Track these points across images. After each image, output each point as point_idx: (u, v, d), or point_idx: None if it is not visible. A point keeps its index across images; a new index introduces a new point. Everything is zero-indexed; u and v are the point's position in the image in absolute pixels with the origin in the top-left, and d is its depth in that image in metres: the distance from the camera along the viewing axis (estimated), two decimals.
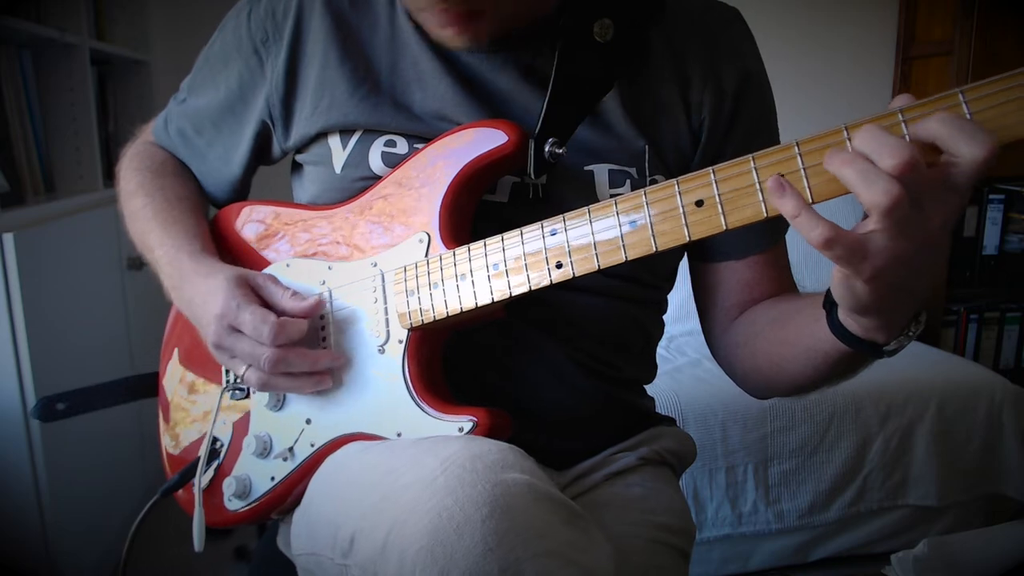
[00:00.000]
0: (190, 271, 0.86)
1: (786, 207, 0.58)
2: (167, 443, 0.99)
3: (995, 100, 0.54)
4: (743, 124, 0.87)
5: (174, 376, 1.00)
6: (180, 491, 0.94)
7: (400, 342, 0.78)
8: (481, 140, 0.77)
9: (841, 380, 0.78)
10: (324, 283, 0.85)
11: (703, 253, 0.91)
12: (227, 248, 0.95)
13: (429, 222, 0.79)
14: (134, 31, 2.55)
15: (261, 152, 0.95)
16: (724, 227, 0.63)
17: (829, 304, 0.70)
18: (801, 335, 0.76)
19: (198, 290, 0.83)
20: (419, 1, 0.77)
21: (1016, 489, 2.08)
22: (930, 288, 0.64)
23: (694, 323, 0.97)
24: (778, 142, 0.89)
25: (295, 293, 0.82)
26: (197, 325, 0.86)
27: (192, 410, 0.95)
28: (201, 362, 0.96)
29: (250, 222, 0.94)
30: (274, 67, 0.88)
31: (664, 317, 0.98)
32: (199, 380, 0.96)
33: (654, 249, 0.66)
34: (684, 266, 0.97)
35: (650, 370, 0.99)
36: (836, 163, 0.56)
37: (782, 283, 0.90)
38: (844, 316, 0.67)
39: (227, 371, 0.91)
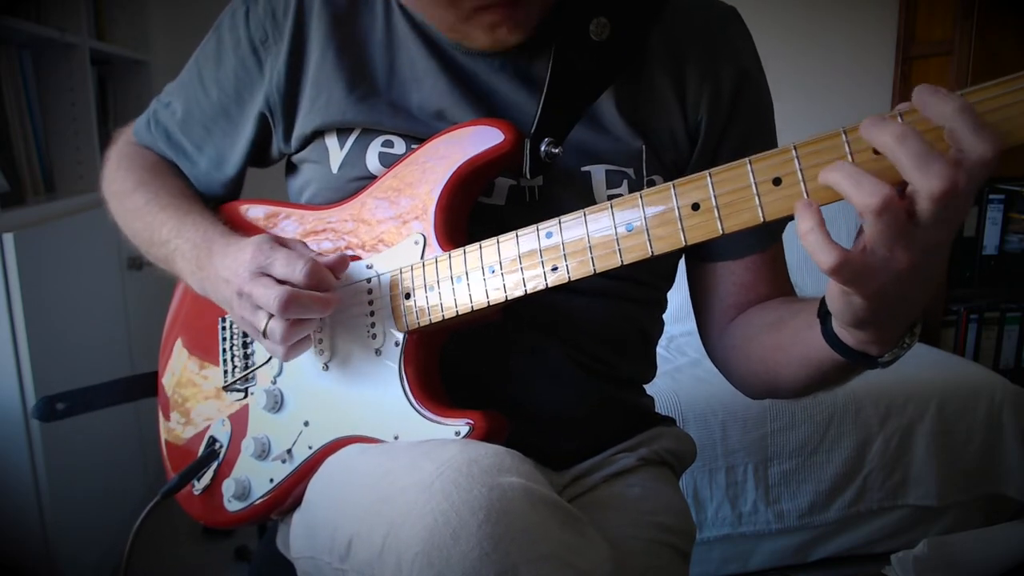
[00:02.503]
0: (222, 245, 0.84)
1: (803, 223, 0.56)
2: (176, 423, 0.98)
3: (996, 104, 0.53)
4: (740, 123, 0.87)
5: (181, 356, 0.99)
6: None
7: (397, 345, 0.78)
8: (477, 139, 0.77)
9: (836, 386, 0.78)
10: None
11: (699, 253, 0.91)
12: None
13: (425, 223, 0.79)
14: (134, 31, 2.55)
15: (258, 154, 0.95)
16: (721, 231, 0.62)
17: (823, 314, 0.69)
18: (796, 342, 0.76)
19: (229, 253, 0.81)
20: (462, 11, 0.76)
21: (1016, 489, 2.08)
22: (928, 298, 0.63)
23: (694, 323, 0.97)
24: (775, 141, 0.90)
25: (319, 254, 0.80)
26: (221, 293, 0.82)
27: (204, 386, 0.95)
28: (205, 350, 0.96)
29: (248, 218, 0.94)
30: (274, 67, 0.88)
31: (664, 317, 0.98)
32: (207, 361, 0.95)
33: (650, 253, 0.66)
34: (683, 266, 0.97)
35: (649, 369, 0.99)
36: (824, 173, 0.56)
37: (779, 284, 0.90)
38: (838, 328, 0.67)
39: (225, 372, 0.92)
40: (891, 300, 0.59)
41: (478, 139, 0.77)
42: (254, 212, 0.94)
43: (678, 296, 0.96)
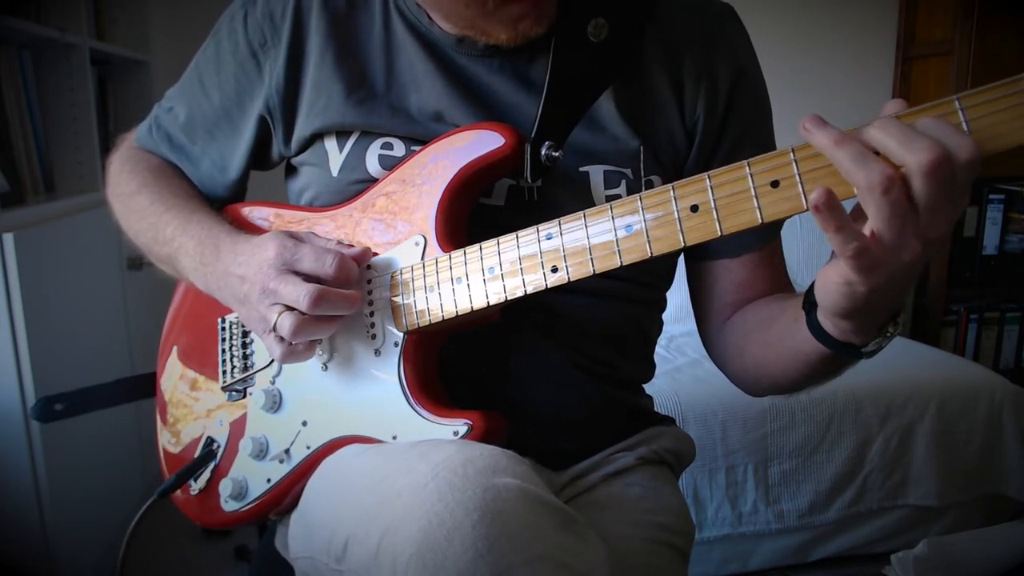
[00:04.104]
0: (230, 242, 0.84)
1: (828, 225, 0.56)
2: (167, 441, 0.98)
3: (992, 107, 0.54)
4: (737, 121, 0.87)
5: (173, 373, 1.00)
6: (176, 492, 0.94)
7: (396, 345, 0.78)
8: (478, 143, 0.77)
9: (825, 380, 0.79)
10: None
11: (698, 252, 0.92)
12: None
13: (426, 225, 0.79)
14: (134, 31, 2.55)
15: (259, 157, 0.95)
16: (719, 233, 0.63)
17: (808, 304, 0.70)
18: (784, 336, 0.77)
19: (242, 251, 0.81)
20: (487, 5, 0.76)
21: (1016, 489, 2.08)
22: (907, 292, 0.65)
23: (694, 323, 0.97)
24: (772, 138, 0.91)
25: (340, 243, 0.81)
26: (232, 290, 0.82)
27: (195, 407, 0.95)
28: (200, 360, 0.96)
29: (251, 220, 0.94)
30: (273, 70, 0.88)
31: (664, 317, 0.99)
32: (200, 377, 0.96)
33: (649, 254, 0.67)
34: (683, 266, 0.97)
35: (648, 369, 0.99)
36: (826, 142, 0.56)
37: (776, 282, 0.91)
38: (822, 318, 0.68)
39: (224, 372, 0.92)
40: (885, 292, 0.60)
41: (479, 143, 0.77)
42: (256, 216, 0.94)
43: (678, 296, 0.96)
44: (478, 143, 0.77)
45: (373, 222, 0.83)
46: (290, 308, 0.75)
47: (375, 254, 0.82)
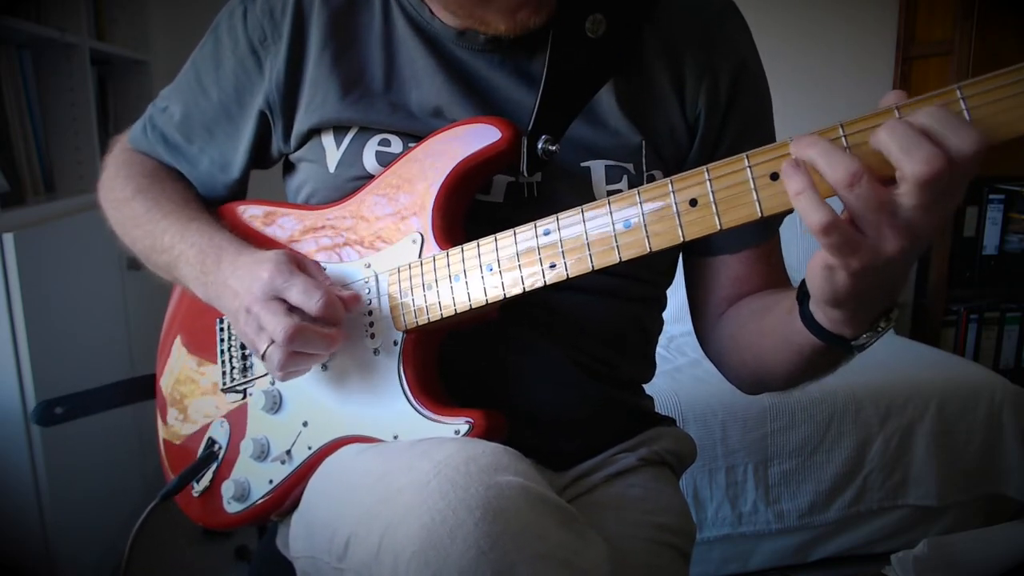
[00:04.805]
0: (233, 252, 0.83)
1: (793, 184, 0.57)
2: (173, 420, 0.98)
3: (994, 96, 0.54)
4: (739, 116, 0.87)
5: (179, 356, 0.99)
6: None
7: (395, 344, 0.78)
8: (474, 137, 0.77)
9: (820, 375, 0.79)
10: None
11: (696, 248, 0.92)
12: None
13: (423, 222, 0.79)
14: (134, 31, 2.55)
15: (260, 155, 0.95)
16: (719, 227, 0.63)
17: (802, 294, 0.70)
18: (778, 325, 0.77)
19: (242, 264, 0.81)
20: None
21: (1016, 489, 2.08)
22: (902, 287, 0.65)
23: None
24: (773, 133, 0.90)
25: (332, 283, 0.81)
26: (227, 302, 0.82)
27: (202, 381, 0.94)
28: (204, 350, 0.96)
29: (250, 210, 0.94)
30: (273, 66, 0.88)
31: (664, 316, 0.98)
32: (206, 359, 0.95)
33: (648, 250, 0.66)
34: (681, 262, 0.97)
35: (649, 369, 0.99)
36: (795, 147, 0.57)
37: (773, 279, 0.90)
38: (814, 307, 0.68)
39: (224, 374, 0.92)
40: (871, 282, 0.60)
41: (475, 137, 0.77)
42: (252, 211, 0.94)
43: (678, 296, 0.96)
44: (474, 137, 0.77)
45: (376, 197, 0.83)
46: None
47: (366, 301, 0.81)
